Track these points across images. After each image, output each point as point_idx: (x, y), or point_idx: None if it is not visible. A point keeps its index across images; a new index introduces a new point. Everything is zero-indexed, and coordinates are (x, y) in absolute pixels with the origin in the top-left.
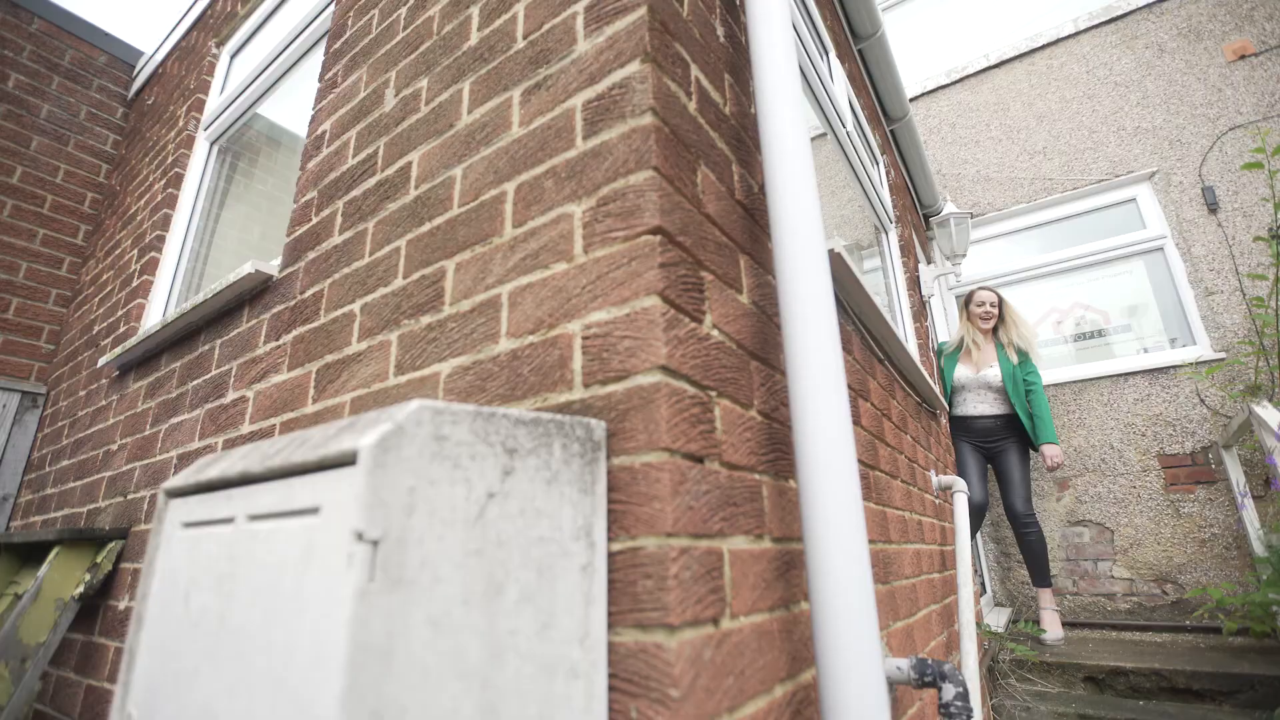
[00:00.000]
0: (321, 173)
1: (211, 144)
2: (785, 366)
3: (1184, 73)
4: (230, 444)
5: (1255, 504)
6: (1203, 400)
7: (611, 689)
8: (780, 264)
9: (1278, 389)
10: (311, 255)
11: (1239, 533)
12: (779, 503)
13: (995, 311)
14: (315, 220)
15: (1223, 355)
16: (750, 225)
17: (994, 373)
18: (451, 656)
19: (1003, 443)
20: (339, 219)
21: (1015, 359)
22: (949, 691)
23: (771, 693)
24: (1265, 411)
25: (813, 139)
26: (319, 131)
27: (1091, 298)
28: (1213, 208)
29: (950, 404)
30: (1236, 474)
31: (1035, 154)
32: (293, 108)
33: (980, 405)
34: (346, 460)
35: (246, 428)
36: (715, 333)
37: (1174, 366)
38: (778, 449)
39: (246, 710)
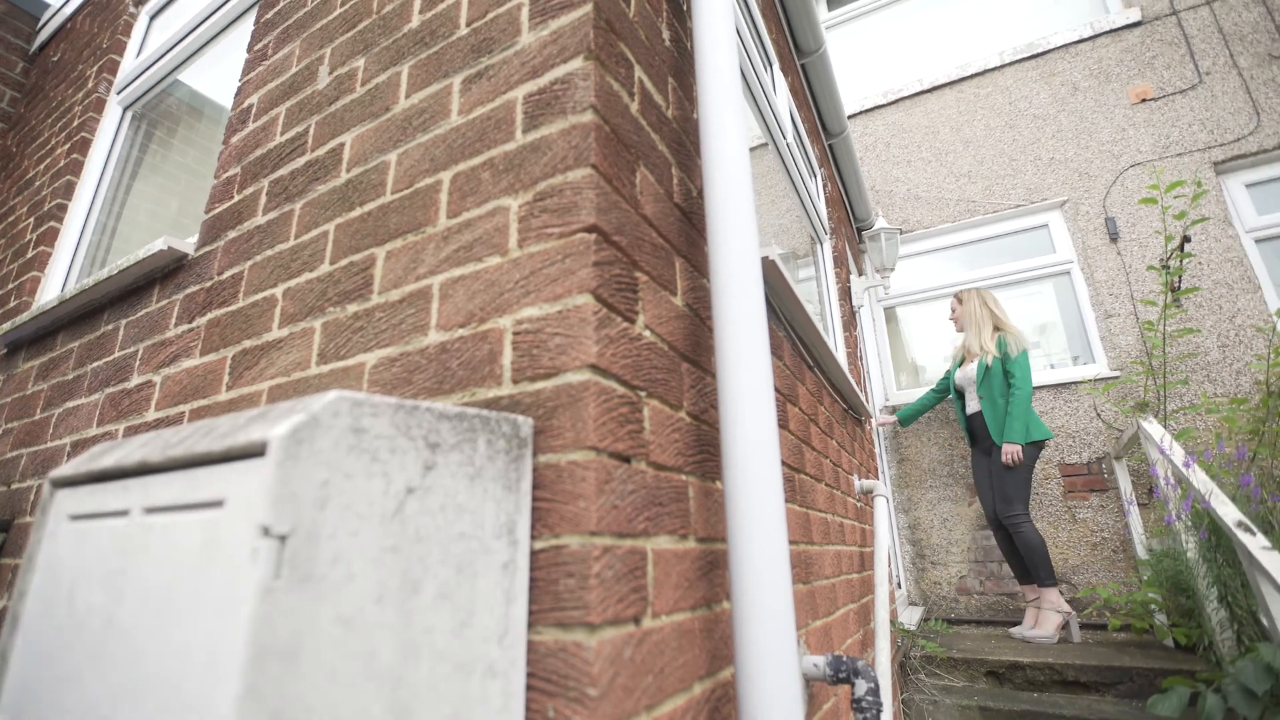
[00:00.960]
0: (246, 148)
1: (125, 109)
2: (716, 369)
3: (1094, 111)
4: (132, 431)
5: (1140, 511)
6: (1099, 414)
7: (530, 688)
8: (715, 268)
9: (1163, 406)
10: (232, 234)
11: (1125, 537)
12: (705, 503)
13: (956, 315)
14: (237, 198)
15: (1118, 373)
16: (687, 229)
17: (972, 368)
18: (363, 656)
19: (990, 443)
20: (263, 198)
21: (990, 359)
22: (861, 687)
23: (690, 690)
24: (1151, 426)
25: (754, 148)
26: (245, 105)
27: (1008, 315)
28: (1114, 237)
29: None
30: (1125, 483)
31: (961, 177)
32: (218, 77)
33: (971, 403)
34: (255, 451)
35: (152, 414)
36: (647, 333)
37: (1076, 382)
38: (706, 450)
39: (133, 716)
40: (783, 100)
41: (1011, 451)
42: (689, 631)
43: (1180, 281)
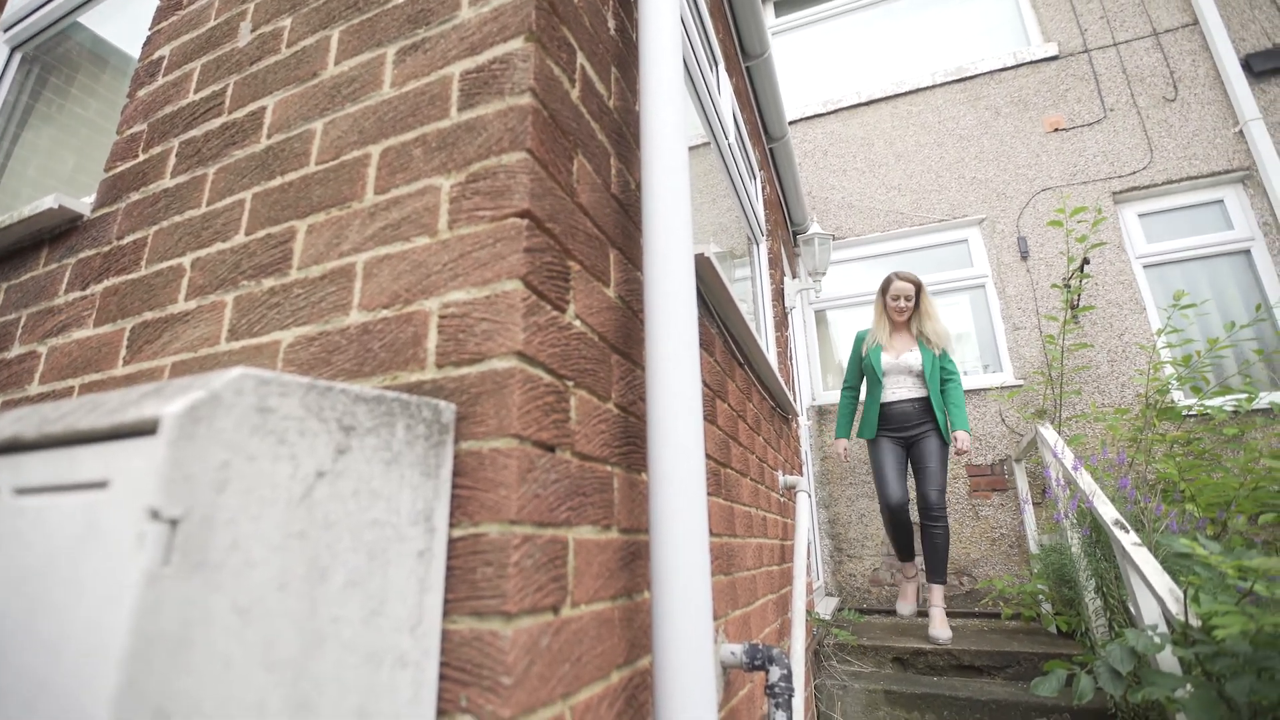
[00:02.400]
0: (154, 104)
1: (14, 49)
2: (645, 362)
3: (1012, 136)
4: (12, 406)
5: (1034, 509)
6: (1003, 420)
7: (443, 677)
8: (649, 261)
9: (1059, 414)
10: (135, 197)
11: (1021, 533)
12: (629, 495)
13: (910, 305)
14: (143, 157)
15: (1021, 382)
16: (624, 220)
17: (914, 357)
18: (261, 646)
19: (921, 428)
20: (173, 160)
21: (936, 350)
22: (775, 673)
23: (608, 678)
24: (1047, 432)
25: (697, 147)
26: (155, 56)
27: None
28: (1024, 255)
29: (868, 397)
30: (1023, 483)
31: (892, 189)
32: (126, 25)
33: (899, 390)
34: (146, 429)
35: (35, 388)
36: (577, 323)
37: (985, 389)
38: (632, 442)
39: None
40: (726, 100)
41: (966, 439)
42: (609, 621)
43: (1079, 300)
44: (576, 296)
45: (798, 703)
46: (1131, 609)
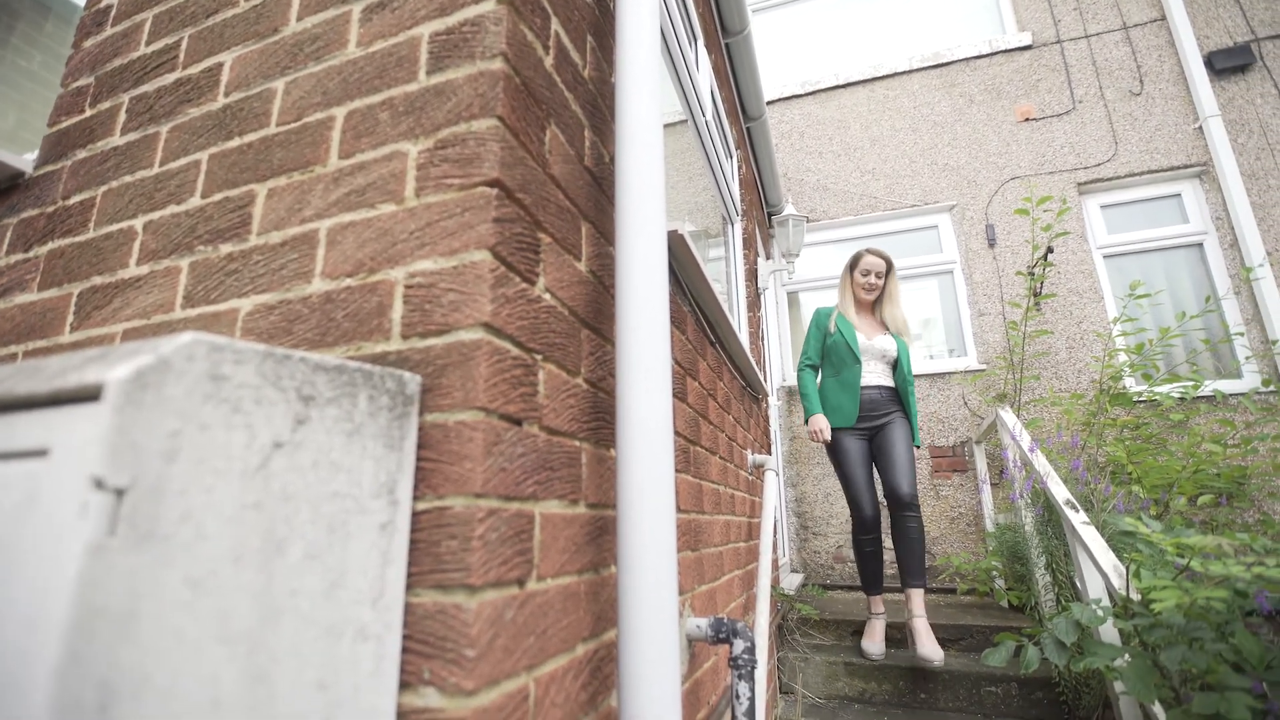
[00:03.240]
0: (102, 56)
1: None
2: (616, 338)
3: (984, 124)
4: None
5: (992, 489)
6: (966, 403)
7: (406, 650)
8: (621, 236)
9: (1019, 398)
10: (81, 154)
11: (978, 512)
12: (597, 470)
13: (880, 284)
14: (90, 113)
15: (984, 367)
16: (597, 194)
17: (889, 342)
18: (215, 619)
19: (889, 416)
20: (123, 116)
21: (909, 341)
22: (739, 646)
23: (573, 651)
24: (1007, 415)
25: (674, 124)
26: (103, 5)
27: None
28: (991, 243)
29: (835, 381)
30: (982, 464)
31: (866, 173)
32: None
33: (870, 375)
34: (89, 395)
35: None
36: (547, 296)
37: (949, 373)
38: (601, 418)
39: None
40: (705, 77)
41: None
42: (575, 594)
43: (1041, 287)
44: (547, 269)
45: (760, 674)
46: (1078, 584)
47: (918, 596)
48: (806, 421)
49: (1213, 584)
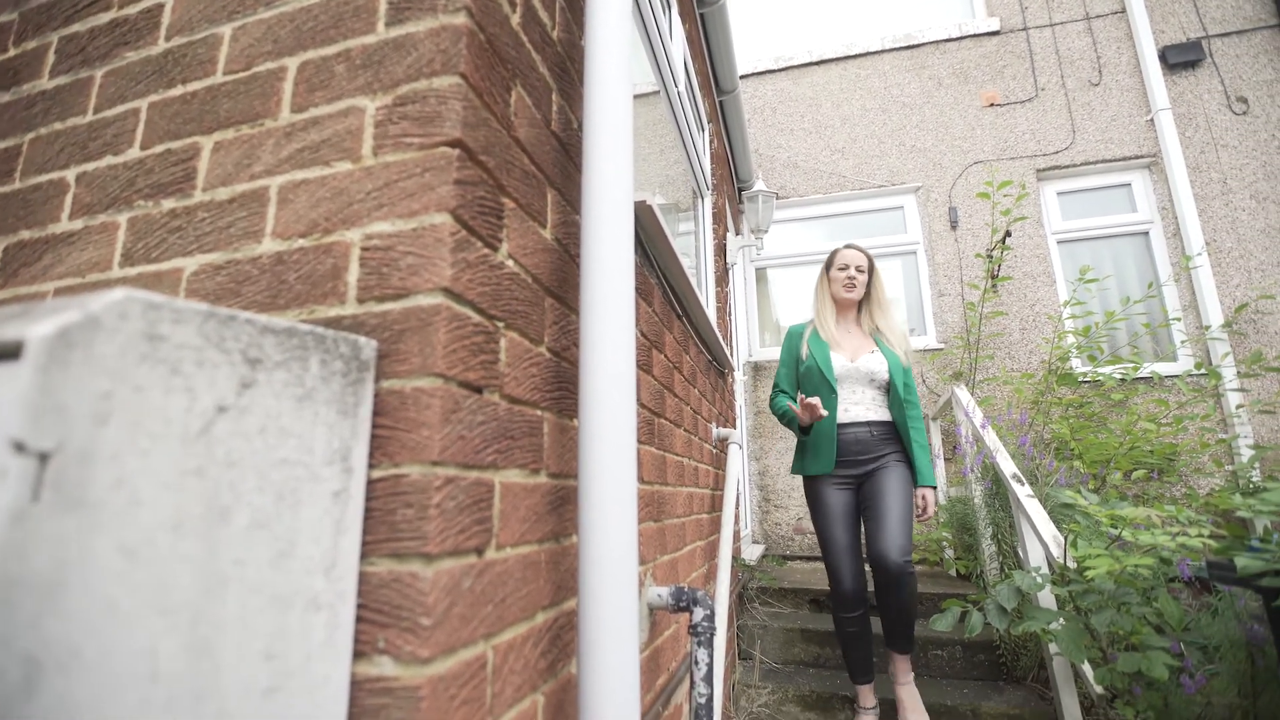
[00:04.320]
0: None
1: None
2: (580, 307)
3: (951, 107)
4: None
5: (945, 464)
6: (924, 381)
7: (360, 619)
8: (588, 204)
9: (973, 376)
10: (5, 98)
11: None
12: (560, 440)
13: (863, 278)
14: (14, 52)
15: (942, 346)
16: (563, 160)
17: (878, 361)
18: (152, 589)
19: (882, 460)
20: (51, 57)
21: (904, 358)
22: (699, 614)
23: (533, 619)
24: (961, 393)
25: (646, 95)
26: None
27: None
28: (954, 225)
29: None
30: (937, 440)
31: (836, 152)
32: None
33: (856, 408)
34: (9, 353)
35: None
36: (510, 263)
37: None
38: (564, 387)
39: None
40: (678, 47)
41: (932, 497)
42: (535, 563)
43: (999, 270)
44: (510, 235)
45: (719, 641)
46: (1021, 553)
47: (904, 662)
48: (804, 431)
49: (1141, 553)
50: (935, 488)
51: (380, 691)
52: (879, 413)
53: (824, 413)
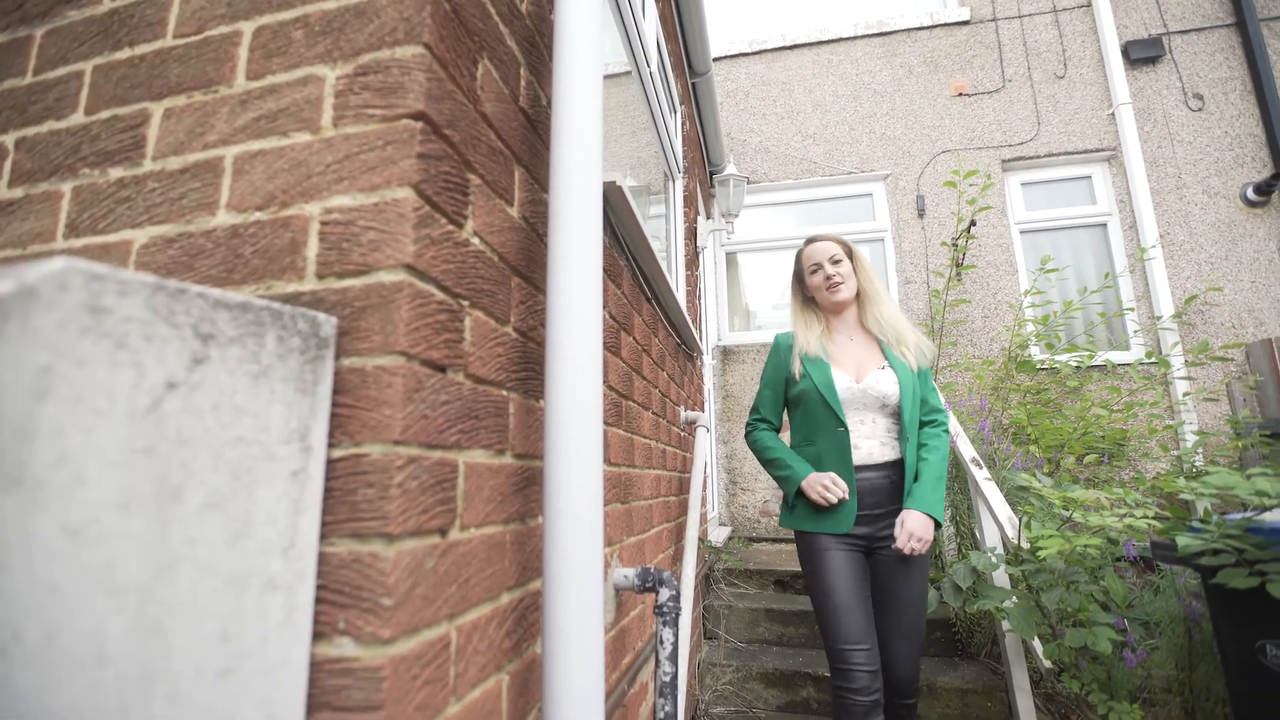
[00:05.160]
0: None
1: None
2: (547, 288)
3: (921, 96)
4: None
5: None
6: None
7: (320, 600)
8: (555, 183)
9: (938, 362)
10: None
11: None
12: (526, 421)
13: (846, 268)
14: None
15: None
16: (531, 137)
17: (889, 381)
18: (98, 570)
19: (896, 517)
20: None
21: (915, 364)
22: (664, 594)
23: (498, 600)
24: None
25: (618, 75)
26: None
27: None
28: (921, 213)
29: (806, 451)
30: None
31: (807, 137)
32: None
33: (868, 443)
34: None
35: None
36: (476, 240)
37: None
38: (531, 368)
39: None
40: (651, 26)
41: (926, 531)
42: (500, 544)
43: (964, 259)
44: (476, 212)
45: (684, 621)
46: (978, 534)
47: None
48: (796, 495)
49: (1091, 533)
50: (934, 518)
51: (341, 672)
52: (892, 447)
53: (845, 497)
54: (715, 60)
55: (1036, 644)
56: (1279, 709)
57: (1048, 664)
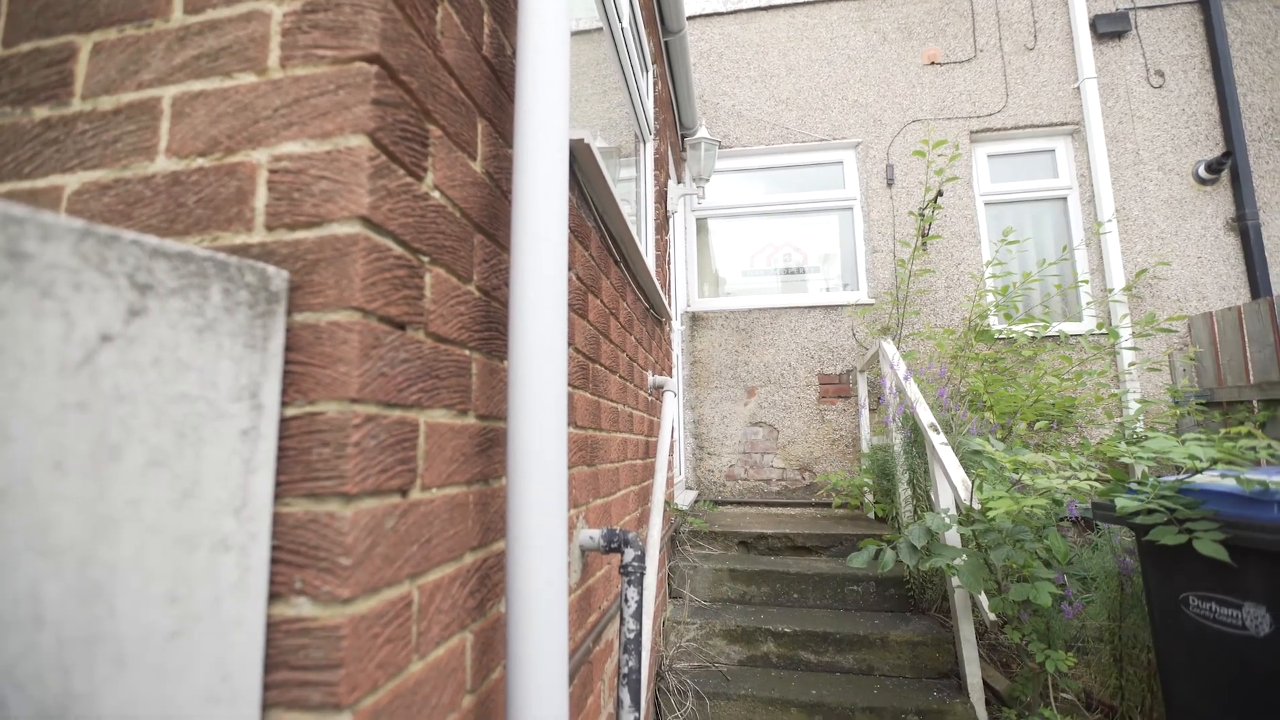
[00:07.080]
0: None
1: None
2: (511, 246)
3: (894, 63)
4: None
5: (870, 414)
6: (854, 334)
7: (276, 560)
8: (520, 138)
9: (900, 331)
10: None
11: (857, 435)
12: (489, 381)
13: None
14: None
15: (873, 301)
16: (495, 89)
17: None
18: (30, 532)
19: None
20: None
21: None
22: (629, 555)
23: (461, 560)
24: (888, 346)
25: (589, 31)
26: None
27: (800, 240)
28: (890, 182)
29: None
30: (863, 391)
31: (780, 102)
32: None
33: None
34: None
35: None
36: (436, 194)
37: (842, 305)
38: (494, 328)
39: None
40: None
41: None
42: (462, 505)
43: (930, 229)
44: (436, 165)
45: (649, 581)
46: (933, 497)
47: None
48: None
49: (1037, 495)
50: None
51: (299, 632)
52: None
53: None
54: (689, 19)
55: (983, 598)
56: (1196, 653)
57: (993, 617)
